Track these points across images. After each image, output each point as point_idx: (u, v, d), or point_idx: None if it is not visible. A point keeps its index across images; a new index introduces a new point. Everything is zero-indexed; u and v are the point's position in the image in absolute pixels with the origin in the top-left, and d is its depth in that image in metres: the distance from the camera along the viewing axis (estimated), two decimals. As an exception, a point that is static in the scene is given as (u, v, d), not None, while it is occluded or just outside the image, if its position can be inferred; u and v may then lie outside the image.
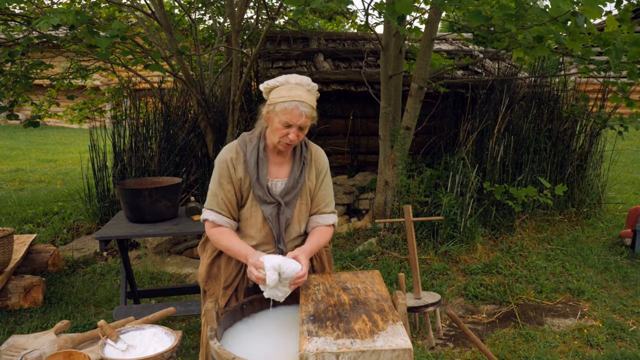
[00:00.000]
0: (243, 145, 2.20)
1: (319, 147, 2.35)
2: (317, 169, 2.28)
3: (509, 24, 3.57)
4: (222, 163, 2.19)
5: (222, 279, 2.28)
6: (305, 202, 2.26)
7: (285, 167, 2.24)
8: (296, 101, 2.05)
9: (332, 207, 2.33)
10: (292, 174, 2.21)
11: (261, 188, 2.16)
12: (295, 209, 2.23)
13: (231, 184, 2.18)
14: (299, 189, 2.21)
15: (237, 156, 2.19)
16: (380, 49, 5.34)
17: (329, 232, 2.30)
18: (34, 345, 2.28)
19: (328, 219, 2.30)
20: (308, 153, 2.27)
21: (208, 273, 2.33)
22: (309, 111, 2.08)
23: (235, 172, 2.17)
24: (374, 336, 1.67)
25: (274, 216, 2.19)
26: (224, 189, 2.18)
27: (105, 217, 5.84)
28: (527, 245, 5.28)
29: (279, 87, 2.11)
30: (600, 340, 3.58)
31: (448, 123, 6.46)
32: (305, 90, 2.10)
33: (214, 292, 2.30)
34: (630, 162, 9.59)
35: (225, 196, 2.18)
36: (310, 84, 2.14)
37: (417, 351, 3.42)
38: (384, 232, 5.27)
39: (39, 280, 4.13)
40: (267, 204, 2.18)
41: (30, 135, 14.62)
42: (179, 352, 2.44)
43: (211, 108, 6.01)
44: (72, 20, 3.64)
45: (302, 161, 2.24)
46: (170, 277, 4.75)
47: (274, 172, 2.23)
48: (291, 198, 2.21)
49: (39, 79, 6.08)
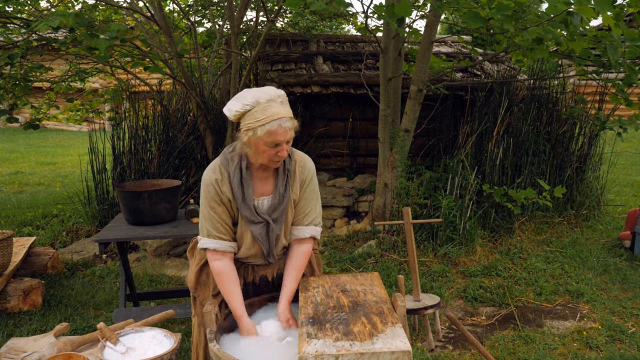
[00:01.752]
0: (226, 164, 2.12)
1: (304, 154, 2.27)
2: (301, 179, 2.21)
3: (507, 24, 3.57)
4: (209, 186, 2.11)
5: (210, 287, 2.27)
6: (291, 215, 2.21)
7: (270, 182, 2.17)
8: (276, 120, 1.94)
9: (312, 217, 2.23)
10: (277, 190, 2.14)
11: (248, 209, 2.11)
12: (282, 225, 2.19)
13: (222, 205, 2.12)
14: (285, 204, 2.15)
15: (222, 177, 2.11)
16: (380, 52, 5.34)
17: (304, 253, 2.21)
18: (33, 348, 2.27)
19: (305, 231, 2.22)
20: (292, 164, 2.18)
21: (197, 280, 2.32)
22: (290, 124, 1.98)
23: (223, 193, 2.11)
24: (373, 338, 1.67)
25: (264, 235, 2.15)
26: (217, 211, 2.12)
27: (104, 220, 5.83)
28: (527, 248, 5.28)
29: (251, 111, 1.97)
30: (600, 342, 3.58)
31: (447, 125, 6.47)
32: (279, 104, 1.99)
33: (204, 299, 2.29)
34: (629, 164, 9.60)
35: (220, 218, 2.12)
36: (279, 93, 2.02)
37: (416, 353, 3.42)
38: (383, 234, 5.27)
39: (38, 283, 4.13)
40: (255, 224, 2.13)
41: (29, 138, 14.62)
42: (178, 355, 2.44)
43: (210, 111, 6.01)
44: (72, 22, 3.65)
45: (286, 174, 2.16)
46: (169, 280, 4.75)
47: (259, 189, 2.16)
48: (279, 214, 2.15)
49: (39, 82, 6.08)
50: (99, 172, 5.94)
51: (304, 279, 2.21)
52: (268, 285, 2.30)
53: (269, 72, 6.17)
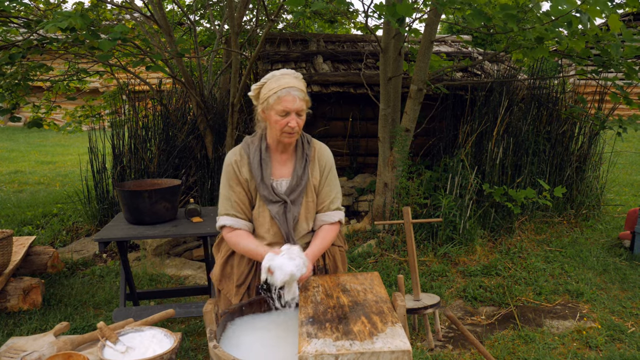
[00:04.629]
0: (246, 148, 2.24)
1: (323, 143, 2.37)
2: (320, 165, 2.29)
3: (511, 23, 3.57)
4: (228, 167, 2.23)
5: (234, 278, 2.32)
6: (312, 199, 2.27)
7: (288, 165, 2.26)
8: (286, 88, 2.09)
9: (338, 204, 2.31)
10: (295, 172, 2.23)
11: (266, 188, 2.19)
12: (301, 207, 2.24)
13: (240, 185, 2.21)
14: (303, 186, 2.23)
15: (241, 159, 2.22)
16: (380, 51, 5.34)
17: (333, 230, 2.29)
18: (33, 347, 2.27)
19: (333, 216, 2.29)
20: (311, 150, 2.28)
21: (222, 273, 2.37)
22: (301, 95, 2.11)
23: (241, 174, 2.21)
24: (373, 338, 1.67)
25: (281, 215, 2.21)
26: (235, 191, 2.21)
27: (104, 219, 5.83)
28: (526, 247, 5.28)
29: (266, 84, 2.14)
30: (599, 342, 3.58)
31: (447, 125, 6.46)
32: (293, 77, 2.14)
33: (228, 291, 2.34)
34: (629, 164, 9.61)
35: (238, 198, 2.21)
36: (296, 72, 2.17)
37: (416, 353, 3.42)
38: (383, 233, 5.27)
39: (38, 282, 4.13)
40: (273, 203, 2.20)
41: (29, 137, 14.61)
42: (178, 354, 2.44)
43: (210, 110, 6.01)
44: (80, 23, 3.66)
45: (305, 158, 2.25)
46: (169, 279, 4.75)
47: (278, 171, 2.24)
48: (296, 196, 2.22)
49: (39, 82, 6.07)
50: (99, 172, 5.94)
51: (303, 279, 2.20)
52: None
53: (269, 71, 6.16)
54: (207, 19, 8.22)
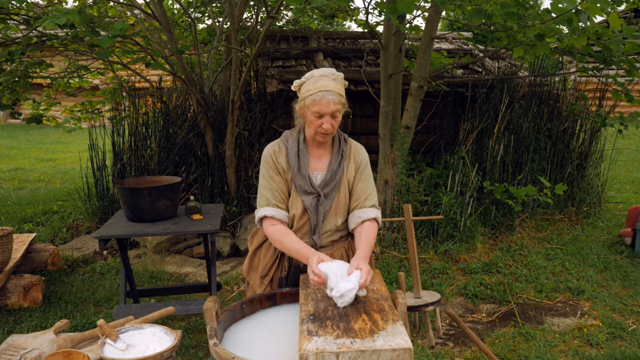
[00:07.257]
0: (285, 140, 2.31)
1: (359, 143, 2.41)
2: (356, 162, 2.33)
3: (511, 21, 3.56)
4: (267, 157, 2.28)
5: (260, 268, 2.36)
6: (344, 194, 2.29)
7: (324, 160, 2.31)
8: (322, 91, 2.14)
9: (374, 201, 2.32)
10: (331, 166, 2.27)
11: (302, 178, 2.23)
12: (333, 201, 2.27)
13: (279, 175, 2.26)
14: (337, 180, 2.26)
15: (279, 150, 2.28)
16: (380, 48, 5.33)
17: (374, 228, 2.27)
18: (33, 344, 2.27)
19: (370, 212, 2.28)
20: (347, 147, 2.33)
21: (250, 264, 2.43)
22: (336, 98, 2.15)
23: (279, 163, 2.26)
24: (374, 335, 1.66)
25: (314, 207, 2.24)
26: (275, 180, 2.26)
27: (104, 217, 5.83)
28: (527, 245, 5.28)
29: (305, 83, 2.21)
30: (600, 339, 3.58)
31: (448, 122, 6.45)
32: (330, 80, 2.19)
33: (254, 282, 2.39)
34: (630, 161, 9.59)
35: (278, 187, 2.26)
36: (335, 73, 2.22)
37: (417, 350, 3.42)
38: (384, 231, 5.27)
39: (38, 280, 4.12)
40: (307, 194, 2.23)
41: (29, 134, 14.61)
42: (178, 352, 2.44)
43: (210, 107, 5.99)
44: (78, 20, 3.64)
45: (341, 154, 2.30)
46: (169, 277, 4.75)
47: (314, 165, 2.29)
48: (330, 190, 2.25)
49: (39, 78, 6.06)
50: (99, 169, 5.94)
51: (304, 276, 2.20)
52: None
53: (269, 68, 6.16)
54: (207, 15, 8.19)
